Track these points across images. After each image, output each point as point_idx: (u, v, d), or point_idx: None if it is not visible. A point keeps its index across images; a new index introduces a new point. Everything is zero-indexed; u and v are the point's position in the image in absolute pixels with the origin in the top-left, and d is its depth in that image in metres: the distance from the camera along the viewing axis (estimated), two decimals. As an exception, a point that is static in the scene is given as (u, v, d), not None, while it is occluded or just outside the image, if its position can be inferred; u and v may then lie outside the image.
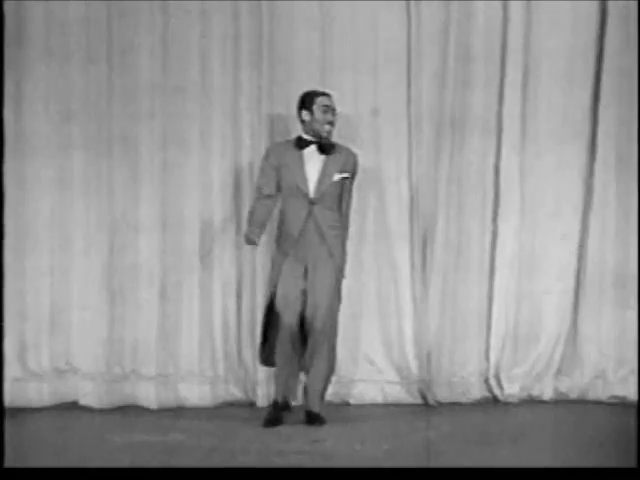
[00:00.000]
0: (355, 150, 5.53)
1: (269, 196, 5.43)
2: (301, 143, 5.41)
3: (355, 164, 5.48)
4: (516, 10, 5.93)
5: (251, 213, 5.46)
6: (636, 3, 5.83)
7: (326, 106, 5.39)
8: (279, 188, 5.43)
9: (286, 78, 5.84)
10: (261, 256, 5.82)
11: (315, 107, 5.40)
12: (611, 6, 5.92)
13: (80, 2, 5.86)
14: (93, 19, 5.86)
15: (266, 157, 5.48)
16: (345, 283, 5.49)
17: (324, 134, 5.39)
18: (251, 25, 5.91)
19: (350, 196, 5.50)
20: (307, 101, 5.42)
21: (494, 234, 6.00)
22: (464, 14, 5.93)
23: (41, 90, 5.87)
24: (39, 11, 5.86)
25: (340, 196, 5.44)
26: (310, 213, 5.35)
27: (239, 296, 5.94)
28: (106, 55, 5.87)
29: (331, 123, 5.39)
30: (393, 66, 5.94)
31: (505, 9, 5.94)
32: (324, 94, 5.43)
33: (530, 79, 5.97)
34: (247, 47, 5.92)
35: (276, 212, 5.53)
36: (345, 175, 5.40)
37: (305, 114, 5.41)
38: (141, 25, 5.89)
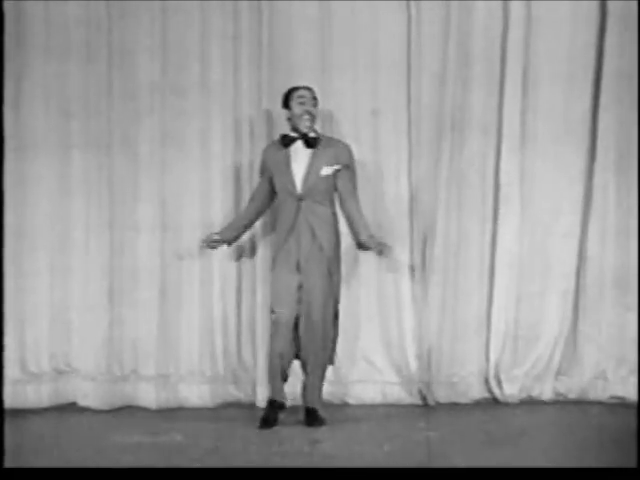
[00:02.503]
0: (349, 143, 5.51)
1: (253, 201, 5.54)
2: (286, 140, 5.42)
3: (348, 155, 5.44)
4: (516, 10, 5.92)
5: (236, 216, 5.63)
6: (636, 3, 5.82)
7: (302, 97, 5.40)
8: (271, 193, 5.49)
9: (286, 77, 5.83)
10: (260, 256, 5.82)
11: (293, 102, 5.43)
12: (611, 6, 5.91)
13: (80, 1, 5.87)
14: (93, 18, 5.88)
15: (261, 161, 5.57)
16: (344, 283, 5.49)
17: (304, 127, 5.38)
18: (251, 25, 5.91)
19: (352, 186, 5.45)
20: (286, 98, 5.47)
21: (494, 234, 5.99)
22: (464, 14, 5.92)
23: (41, 89, 5.89)
24: (39, 10, 5.88)
25: (332, 190, 5.41)
26: (299, 209, 5.34)
27: (239, 296, 5.95)
28: (106, 54, 5.88)
29: (309, 113, 5.38)
30: (393, 66, 5.94)
31: (505, 9, 5.93)
32: (301, 88, 5.44)
33: (530, 79, 5.96)
34: (247, 46, 5.92)
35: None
36: (336, 167, 5.38)
37: (287, 112, 5.45)
38: (141, 24, 5.90)
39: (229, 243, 5.60)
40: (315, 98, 5.44)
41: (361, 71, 5.94)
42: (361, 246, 5.44)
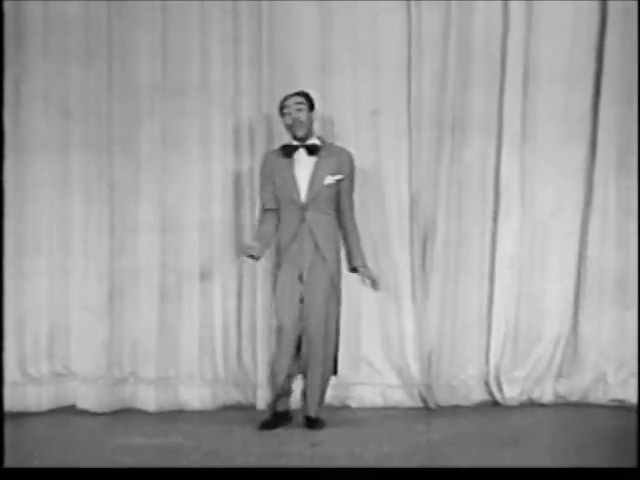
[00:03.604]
0: (349, 149, 5.50)
1: (272, 210, 5.43)
2: (287, 150, 5.40)
3: (350, 164, 5.43)
4: (516, 10, 5.92)
5: (257, 228, 5.49)
6: (636, 3, 5.82)
7: (285, 108, 5.39)
8: (277, 198, 5.44)
9: (286, 78, 5.83)
10: (262, 258, 5.83)
11: (283, 114, 5.42)
12: (611, 6, 5.90)
13: (80, 2, 5.86)
14: (93, 18, 5.87)
15: (262, 168, 5.51)
16: (345, 285, 5.48)
17: (299, 134, 5.37)
18: (251, 25, 5.91)
19: (351, 197, 5.46)
20: (279, 111, 5.46)
21: (494, 235, 5.99)
22: (464, 14, 5.92)
23: (40, 90, 5.88)
24: (39, 10, 5.87)
25: (335, 199, 5.40)
26: (303, 219, 5.33)
27: (239, 298, 5.95)
28: (106, 55, 5.87)
29: (296, 120, 5.36)
30: (393, 67, 5.94)
31: (505, 9, 5.93)
32: (288, 97, 5.42)
33: (530, 79, 5.96)
34: (247, 47, 5.92)
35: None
36: (338, 177, 5.37)
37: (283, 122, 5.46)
38: (141, 25, 5.89)
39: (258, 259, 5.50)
40: (301, 102, 5.39)
41: (361, 72, 5.93)
42: (353, 270, 5.44)
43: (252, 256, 5.34)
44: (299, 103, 5.38)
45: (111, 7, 5.88)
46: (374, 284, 5.44)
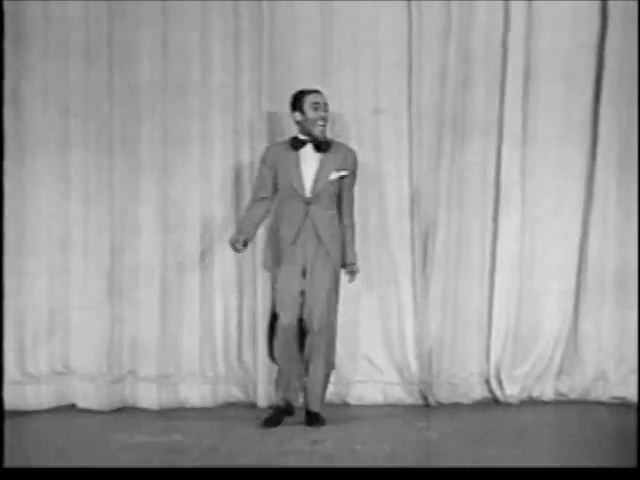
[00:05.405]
0: (353, 147, 5.53)
1: (264, 199, 5.44)
2: (296, 144, 5.41)
3: (354, 161, 5.46)
4: (517, 10, 5.92)
5: (243, 217, 5.52)
6: (636, 3, 5.83)
7: (316, 103, 5.37)
8: (276, 190, 5.45)
9: (286, 78, 5.84)
10: (261, 255, 5.82)
11: (306, 106, 5.39)
12: (611, 6, 5.91)
13: (80, 1, 5.85)
14: (93, 18, 5.86)
15: (263, 159, 5.50)
16: (345, 283, 5.48)
17: (317, 133, 5.38)
18: (251, 24, 5.90)
19: (352, 194, 5.48)
20: (298, 101, 5.42)
21: (495, 234, 6.00)
22: (465, 14, 5.93)
23: (41, 89, 5.87)
24: (39, 10, 5.86)
25: (338, 195, 5.43)
26: (307, 213, 5.34)
27: (240, 296, 5.95)
28: (106, 54, 5.87)
29: (323, 119, 5.37)
30: (394, 66, 5.94)
31: (506, 9, 5.93)
32: (314, 91, 5.42)
33: (531, 79, 5.96)
34: (247, 46, 5.92)
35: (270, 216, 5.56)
36: (343, 173, 5.40)
37: (297, 115, 5.42)
38: (141, 24, 5.89)
39: (247, 243, 5.48)
40: (326, 103, 5.42)
41: (362, 71, 5.94)
42: (342, 266, 5.45)
43: (238, 250, 5.40)
44: (327, 104, 5.40)
45: (111, 7, 5.87)
46: (352, 277, 5.47)
